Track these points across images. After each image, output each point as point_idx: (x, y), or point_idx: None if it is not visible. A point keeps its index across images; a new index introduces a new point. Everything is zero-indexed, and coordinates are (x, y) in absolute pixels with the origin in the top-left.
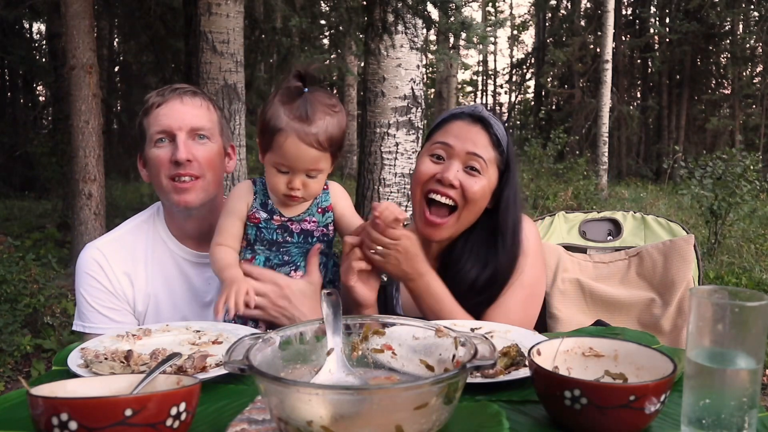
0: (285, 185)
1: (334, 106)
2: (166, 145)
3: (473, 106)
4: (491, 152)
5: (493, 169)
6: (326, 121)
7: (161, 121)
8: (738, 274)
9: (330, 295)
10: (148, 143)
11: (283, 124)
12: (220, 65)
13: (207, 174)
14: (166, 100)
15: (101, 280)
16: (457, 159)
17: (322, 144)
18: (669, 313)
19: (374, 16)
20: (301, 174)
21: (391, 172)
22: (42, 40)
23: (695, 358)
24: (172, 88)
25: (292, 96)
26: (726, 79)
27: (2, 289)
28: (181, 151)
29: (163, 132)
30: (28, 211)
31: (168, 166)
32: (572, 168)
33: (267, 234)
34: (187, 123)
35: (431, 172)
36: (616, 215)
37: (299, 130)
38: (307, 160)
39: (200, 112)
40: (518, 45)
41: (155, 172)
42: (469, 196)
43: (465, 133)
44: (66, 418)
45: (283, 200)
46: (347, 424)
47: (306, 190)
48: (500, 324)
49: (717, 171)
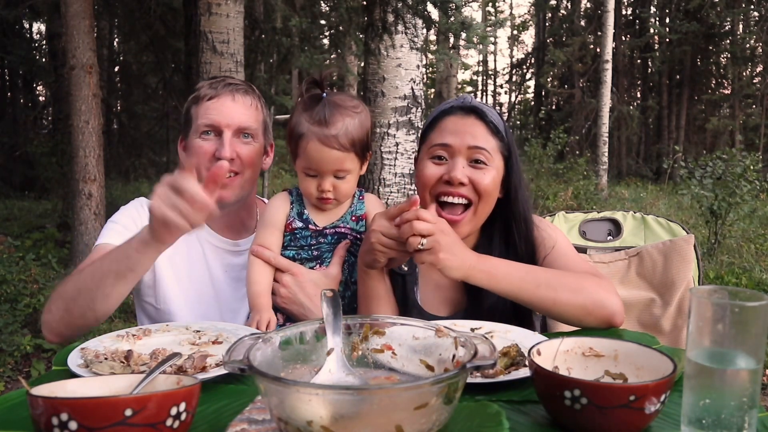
0: (316, 188)
1: (355, 107)
2: (212, 139)
3: (461, 97)
4: (492, 141)
5: (498, 158)
6: (346, 123)
7: (210, 114)
8: (738, 274)
9: (330, 295)
10: (194, 132)
11: (304, 129)
12: (220, 65)
13: (246, 172)
14: (218, 94)
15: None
16: (460, 156)
17: (344, 145)
18: (669, 313)
19: (374, 16)
20: (328, 176)
21: (391, 172)
22: (42, 40)
23: (695, 358)
24: (226, 83)
25: (312, 102)
26: (726, 79)
27: (2, 289)
28: (226, 149)
29: (211, 126)
30: (28, 211)
31: (211, 159)
32: (572, 168)
33: (301, 240)
34: (235, 121)
35: (437, 175)
36: (616, 215)
37: (318, 133)
38: (331, 161)
39: (249, 112)
40: (518, 45)
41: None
42: (481, 190)
43: (461, 127)
44: (66, 418)
45: (317, 204)
46: (347, 424)
47: (336, 192)
48: (500, 324)
49: (717, 171)
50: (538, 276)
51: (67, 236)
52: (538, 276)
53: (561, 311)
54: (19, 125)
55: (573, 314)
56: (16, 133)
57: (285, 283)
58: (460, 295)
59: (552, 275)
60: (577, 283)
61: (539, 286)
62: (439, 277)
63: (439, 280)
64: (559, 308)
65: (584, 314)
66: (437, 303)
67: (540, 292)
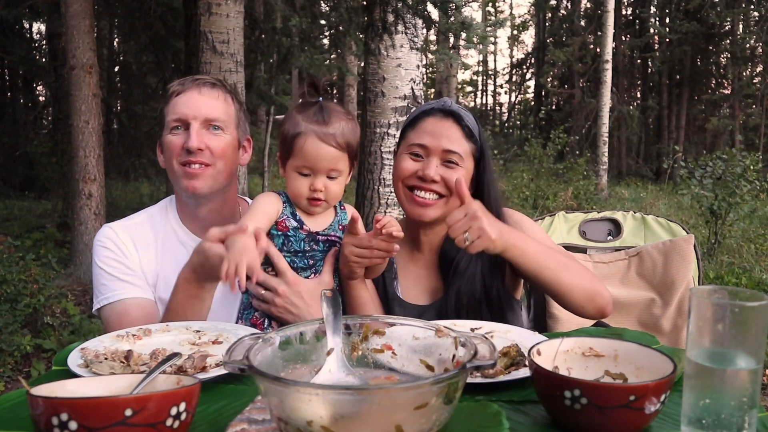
0: (308, 188)
1: (347, 113)
2: (181, 133)
3: (442, 100)
4: (465, 145)
5: (470, 160)
6: (342, 124)
7: (178, 109)
8: (738, 274)
9: (330, 295)
10: (165, 129)
11: (302, 128)
12: (220, 65)
13: (218, 163)
14: (185, 89)
15: (115, 251)
16: (435, 156)
17: (340, 144)
18: (669, 313)
19: (374, 16)
20: (322, 175)
21: (391, 172)
22: (42, 40)
23: (695, 358)
24: (194, 79)
25: (308, 105)
26: (726, 79)
27: (2, 289)
28: (193, 139)
29: (179, 120)
30: (28, 211)
31: (180, 152)
32: (572, 168)
33: (295, 243)
34: (202, 113)
35: (412, 170)
36: (616, 215)
37: (317, 130)
38: (328, 158)
39: (216, 104)
40: (518, 45)
41: (168, 156)
42: (451, 186)
43: (438, 129)
44: (66, 418)
45: (306, 205)
46: (347, 424)
47: (328, 193)
48: (500, 324)
49: (717, 171)
50: (557, 258)
51: (67, 236)
52: (557, 258)
53: (569, 293)
54: (19, 125)
55: (577, 299)
56: (16, 133)
57: (281, 293)
58: (438, 283)
59: (567, 258)
60: (583, 269)
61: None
62: (418, 269)
63: (418, 271)
64: (569, 290)
65: (587, 300)
66: (417, 292)
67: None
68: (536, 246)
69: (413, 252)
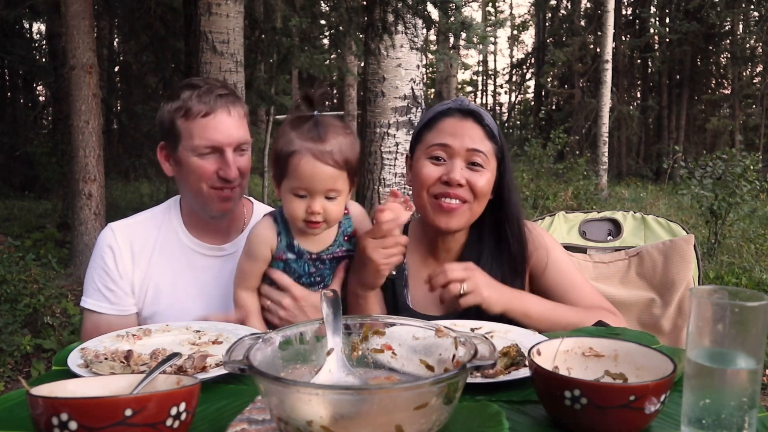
0: (304, 211)
1: (346, 128)
2: (212, 157)
3: (459, 99)
4: (488, 144)
5: (493, 161)
6: (339, 140)
7: (210, 135)
8: (738, 274)
9: (330, 295)
10: (189, 150)
11: (296, 146)
12: (220, 65)
13: (243, 181)
14: (213, 110)
15: (108, 262)
16: (459, 157)
17: (338, 162)
18: (669, 313)
19: (374, 16)
20: (319, 196)
21: (391, 172)
22: (42, 40)
23: (695, 358)
24: (217, 95)
25: (302, 121)
26: (726, 79)
27: (2, 289)
28: (232, 170)
29: (212, 147)
30: (28, 211)
31: (212, 177)
32: (572, 168)
33: (298, 269)
34: (235, 139)
35: (436, 175)
36: (616, 215)
37: (313, 149)
38: (324, 179)
39: (243, 123)
40: (518, 45)
41: (195, 179)
42: (477, 191)
43: (460, 129)
44: (66, 418)
45: (303, 228)
46: (347, 424)
47: (326, 214)
48: (500, 324)
49: (717, 171)
50: (564, 314)
51: (67, 236)
52: (564, 314)
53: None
54: (19, 125)
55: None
56: (16, 133)
57: (285, 306)
58: None
59: (574, 314)
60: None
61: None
62: None
63: None
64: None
65: None
66: (428, 303)
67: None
68: (539, 306)
69: (427, 258)
